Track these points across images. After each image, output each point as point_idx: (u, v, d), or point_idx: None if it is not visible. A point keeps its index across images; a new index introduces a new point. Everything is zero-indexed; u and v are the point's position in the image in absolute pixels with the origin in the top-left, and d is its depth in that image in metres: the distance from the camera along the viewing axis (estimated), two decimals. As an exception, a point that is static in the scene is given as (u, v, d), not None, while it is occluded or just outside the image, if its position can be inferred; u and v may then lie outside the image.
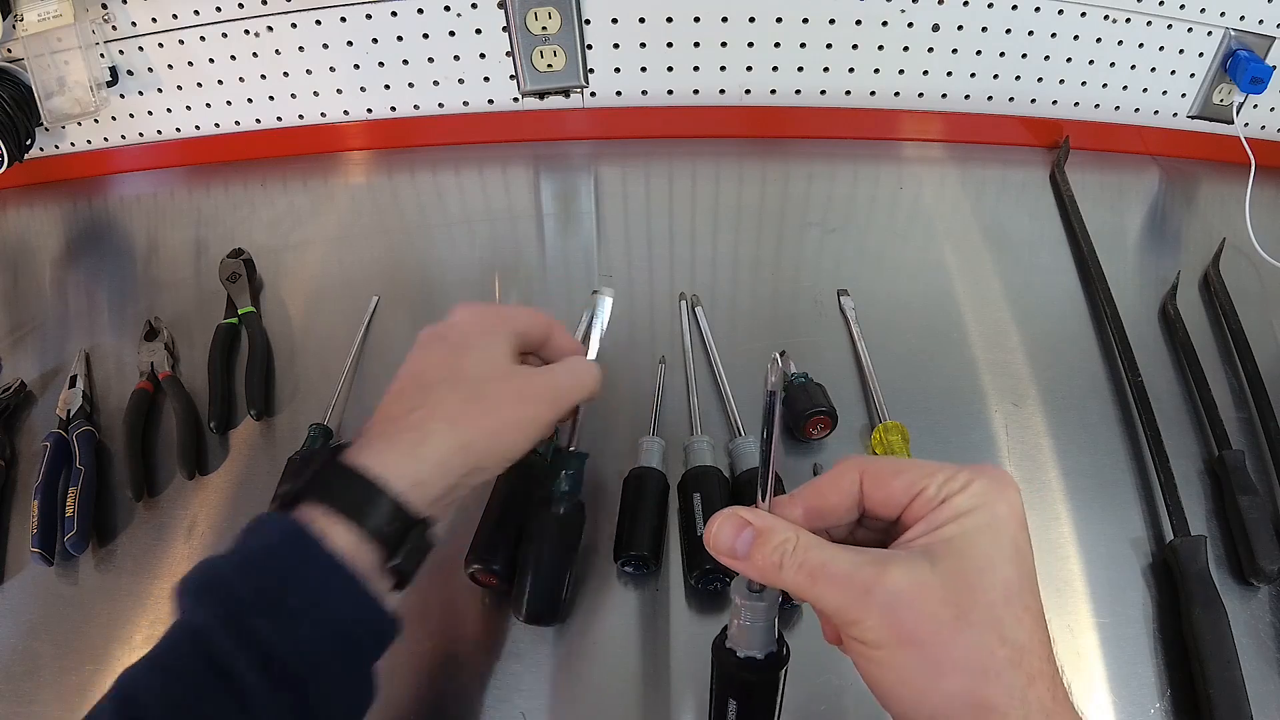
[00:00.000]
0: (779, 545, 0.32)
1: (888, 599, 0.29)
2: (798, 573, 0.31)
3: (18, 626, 0.52)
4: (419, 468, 0.39)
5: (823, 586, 0.31)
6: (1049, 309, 0.69)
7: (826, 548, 0.31)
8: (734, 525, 0.33)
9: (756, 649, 0.35)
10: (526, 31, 0.78)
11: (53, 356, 0.68)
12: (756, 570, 0.32)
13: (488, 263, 0.74)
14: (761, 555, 0.32)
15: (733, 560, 0.33)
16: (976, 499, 0.31)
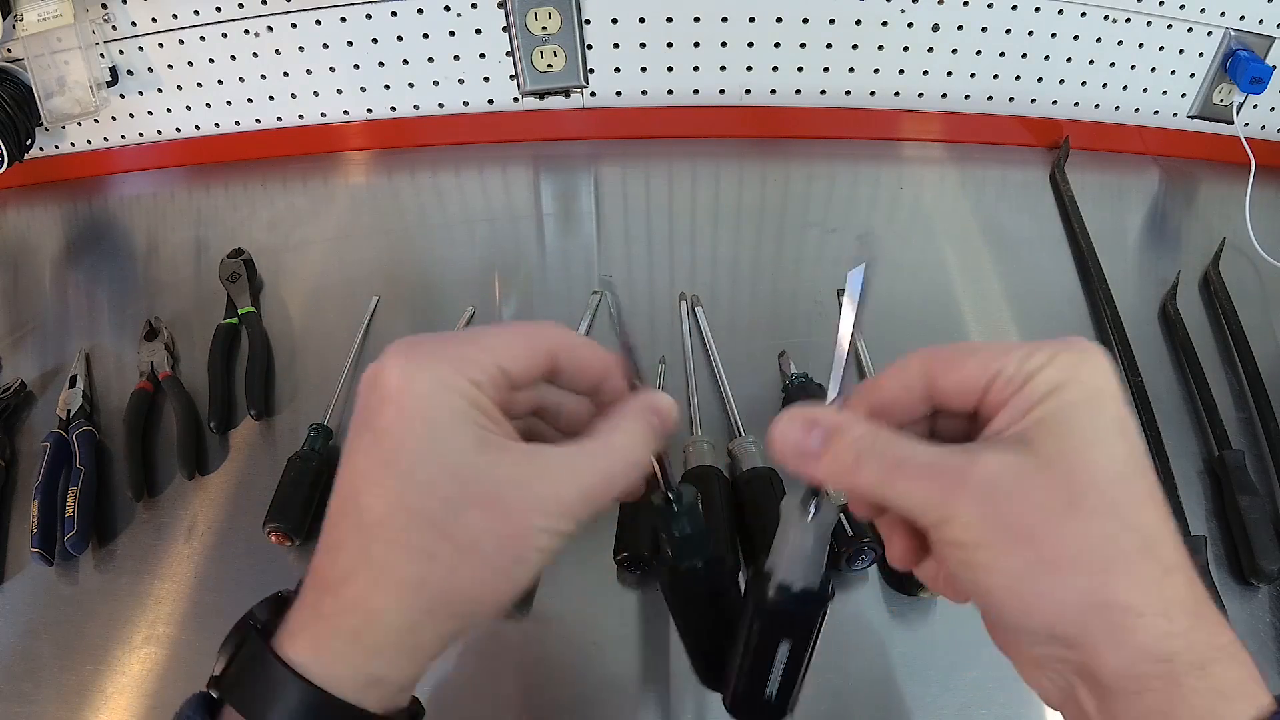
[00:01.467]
0: (854, 441, 0.27)
1: (984, 488, 0.25)
2: (878, 469, 0.27)
3: (18, 626, 0.52)
4: (369, 663, 0.27)
5: (907, 481, 0.26)
6: (1049, 309, 0.69)
7: (907, 441, 0.27)
8: (801, 424, 0.28)
9: (801, 579, 0.31)
10: (526, 31, 0.78)
11: (53, 356, 0.68)
12: (829, 471, 0.28)
13: (488, 263, 0.74)
14: (835, 454, 0.27)
15: (802, 462, 0.28)
16: (1065, 372, 0.26)
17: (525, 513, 0.27)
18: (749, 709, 0.34)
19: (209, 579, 0.53)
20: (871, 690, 0.47)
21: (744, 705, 0.34)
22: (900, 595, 0.51)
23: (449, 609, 0.27)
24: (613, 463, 0.30)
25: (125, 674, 0.49)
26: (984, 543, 0.25)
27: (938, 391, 0.29)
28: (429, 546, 0.27)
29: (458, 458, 0.27)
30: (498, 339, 0.30)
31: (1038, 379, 0.26)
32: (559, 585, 0.52)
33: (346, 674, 0.27)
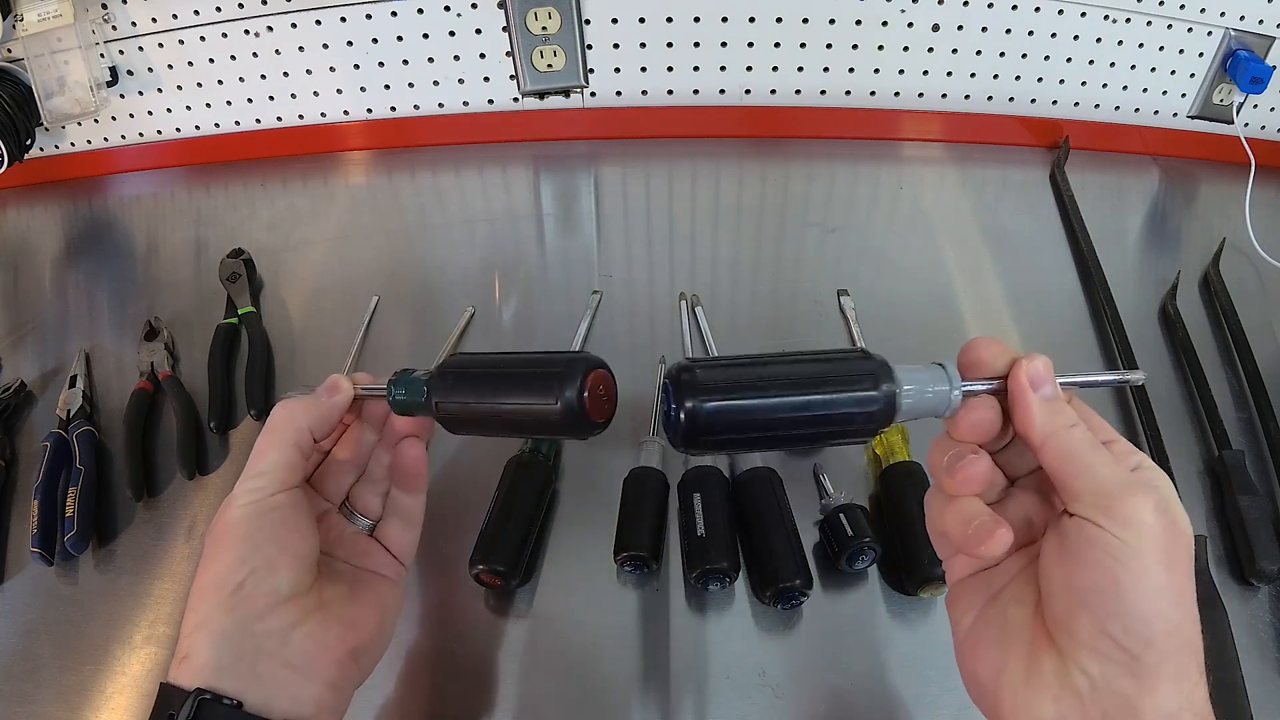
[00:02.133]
0: (1074, 415, 0.32)
1: (1159, 501, 0.30)
2: (1087, 438, 0.31)
3: (18, 626, 0.52)
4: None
5: (1105, 458, 0.31)
6: (1049, 309, 0.69)
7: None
8: (1050, 373, 0.33)
9: (901, 401, 0.33)
10: (526, 31, 0.78)
11: (53, 356, 0.68)
12: (1050, 414, 0.32)
13: (488, 263, 0.74)
14: (1062, 409, 0.32)
15: (1027, 388, 0.32)
16: (1161, 483, 0.31)
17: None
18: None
19: (209, 579, 0.53)
20: (871, 690, 0.47)
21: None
22: (900, 595, 0.51)
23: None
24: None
25: (125, 674, 0.49)
26: (1138, 541, 0.29)
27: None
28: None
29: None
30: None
31: (1147, 474, 0.31)
32: (559, 585, 0.52)
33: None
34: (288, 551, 0.36)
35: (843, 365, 0.32)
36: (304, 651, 0.36)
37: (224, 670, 0.34)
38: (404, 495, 0.43)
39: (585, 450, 0.59)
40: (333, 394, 0.39)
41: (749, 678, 0.48)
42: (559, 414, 0.33)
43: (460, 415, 0.37)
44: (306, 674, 0.36)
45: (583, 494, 0.56)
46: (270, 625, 0.35)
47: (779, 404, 0.31)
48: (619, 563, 0.51)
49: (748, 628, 0.50)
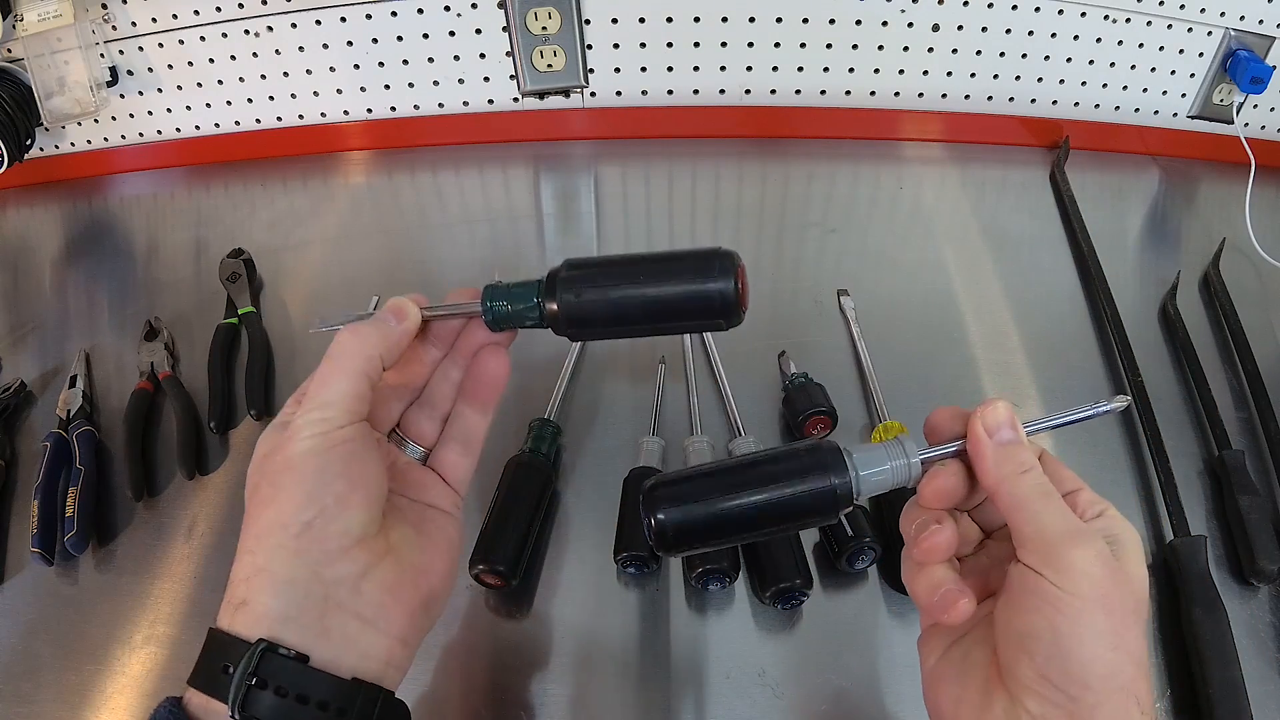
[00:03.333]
0: (1030, 461, 0.32)
1: (1103, 551, 0.30)
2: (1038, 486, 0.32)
3: (18, 626, 0.52)
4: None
5: (1052, 507, 0.31)
6: (1049, 309, 0.69)
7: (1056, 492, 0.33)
8: (1010, 417, 0.33)
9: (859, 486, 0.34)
10: (526, 31, 0.78)
11: (53, 356, 0.68)
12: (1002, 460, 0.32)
13: (488, 263, 0.74)
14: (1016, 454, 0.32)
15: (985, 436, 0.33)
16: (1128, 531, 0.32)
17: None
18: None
19: (209, 579, 0.53)
20: (871, 690, 0.47)
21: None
22: (900, 595, 0.51)
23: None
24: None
25: (125, 674, 0.49)
26: (1081, 592, 0.29)
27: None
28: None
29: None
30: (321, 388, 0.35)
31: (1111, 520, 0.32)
32: (559, 585, 0.52)
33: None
34: (360, 488, 0.33)
35: (797, 462, 0.33)
36: (377, 601, 0.33)
37: (289, 621, 0.31)
38: (472, 414, 0.40)
39: (585, 450, 0.59)
40: (401, 319, 0.36)
41: (749, 678, 0.48)
42: (718, 297, 0.34)
43: (595, 312, 0.35)
44: (378, 627, 0.33)
45: (583, 494, 0.56)
46: (341, 571, 0.32)
47: (742, 507, 0.33)
48: (619, 563, 0.51)
49: (748, 628, 0.50)
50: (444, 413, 0.40)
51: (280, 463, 0.33)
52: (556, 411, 0.59)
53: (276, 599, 0.31)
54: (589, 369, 0.64)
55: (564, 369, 0.62)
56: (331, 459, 0.32)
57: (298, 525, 0.31)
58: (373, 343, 0.35)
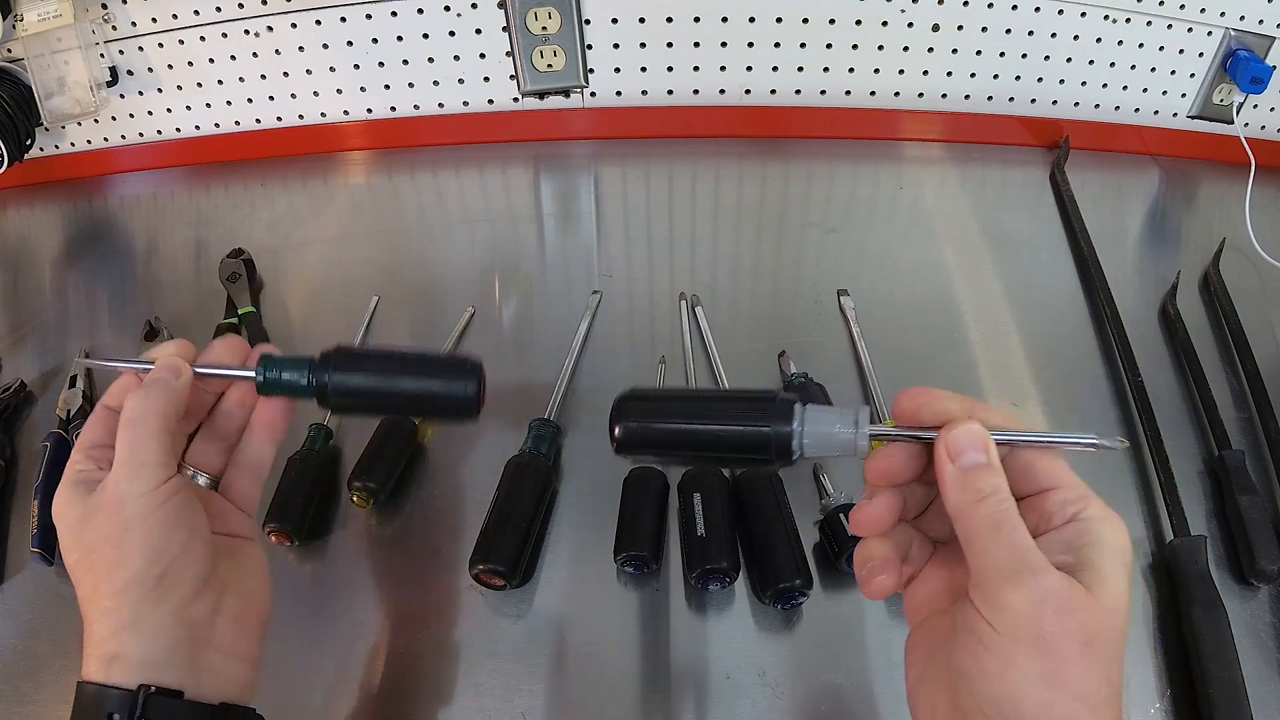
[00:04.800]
0: (994, 486, 0.31)
1: (1043, 590, 0.29)
2: (991, 515, 0.31)
3: (18, 626, 0.52)
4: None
5: (1000, 540, 0.30)
6: (1049, 309, 0.69)
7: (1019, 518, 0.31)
8: (980, 440, 0.32)
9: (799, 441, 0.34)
10: (526, 31, 0.78)
11: (53, 356, 0.68)
12: (962, 486, 0.32)
13: (488, 263, 0.74)
14: (977, 481, 0.31)
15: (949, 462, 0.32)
16: (1111, 534, 0.31)
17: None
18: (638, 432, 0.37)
19: (209, 579, 0.53)
20: (871, 690, 0.47)
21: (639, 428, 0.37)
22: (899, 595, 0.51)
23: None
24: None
25: (125, 674, 0.49)
26: (1013, 634, 0.29)
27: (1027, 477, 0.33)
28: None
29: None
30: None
31: (1087, 526, 0.31)
32: (559, 585, 0.52)
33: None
34: (197, 533, 0.36)
35: (752, 405, 0.35)
36: (230, 633, 0.36)
37: (162, 665, 0.34)
38: (260, 443, 0.42)
39: (585, 450, 0.59)
40: (176, 376, 0.38)
41: (749, 678, 0.48)
42: (460, 398, 0.39)
43: (358, 395, 0.39)
44: (235, 655, 0.37)
45: (583, 494, 0.56)
46: (197, 612, 0.35)
47: (694, 434, 0.36)
48: (619, 563, 0.51)
49: (748, 628, 0.50)
50: (229, 443, 0.42)
51: (117, 526, 0.35)
52: (556, 411, 0.59)
53: (148, 647, 0.34)
54: (589, 369, 0.64)
55: (564, 369, 0.62)
56: (169, 514, 0.35)
57: (153, 579, 0.34)
58: (164, 401, 0.37)
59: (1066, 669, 0.29)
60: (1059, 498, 0.32)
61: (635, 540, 0.50)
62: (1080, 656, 0.29)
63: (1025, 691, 0.29)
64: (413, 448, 0.58)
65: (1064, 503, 0.32)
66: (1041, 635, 0.29)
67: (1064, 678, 0.29)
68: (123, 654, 0.34)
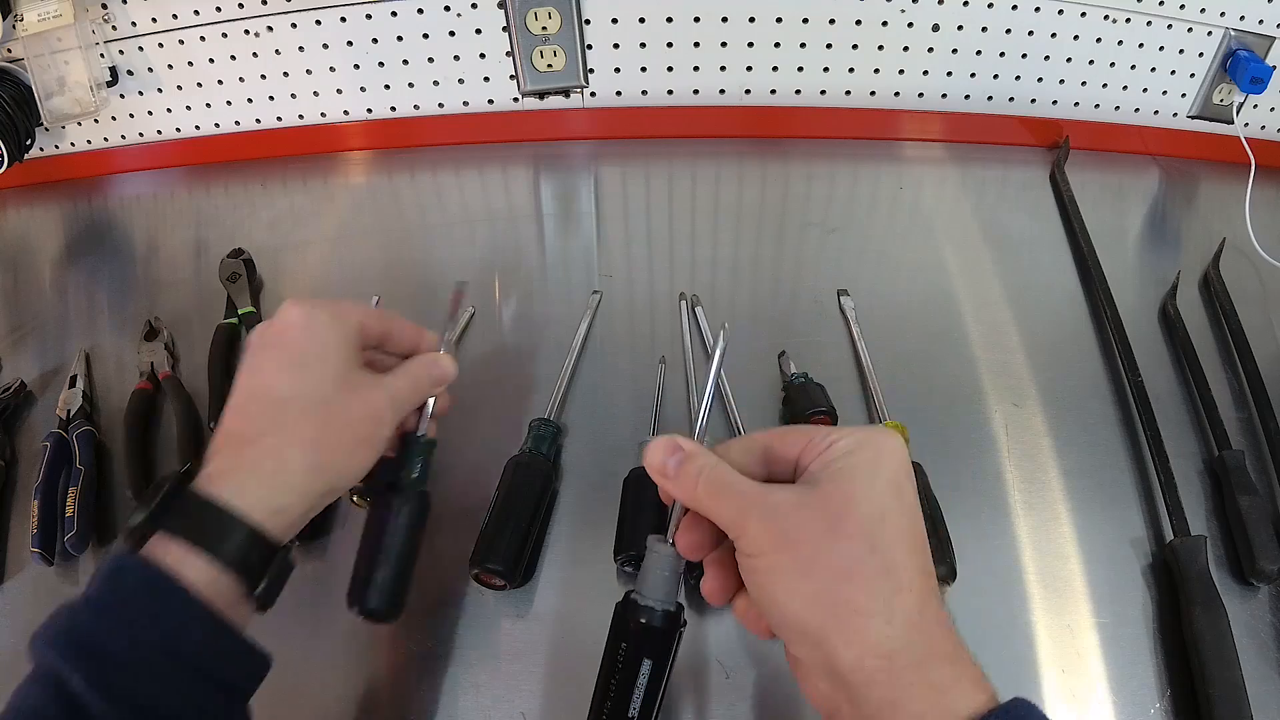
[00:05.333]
0: (699, 467, 0.35)
1: (769, 509, 0.33)
2: (708, 489, 0.34)
3: (18, 626, 0.52)
4: (278, 497, 0.39)
5: (722, 500, 0.34)
6: (1049, 309, 0.69)
7: (733, 473, 0.35)
8: (667, 447, 0.36)
9: (660, 600, 0.37)
10: (526, 31, 0.78)
11: (53, 356, 0.68)
12: (679, 486, 0.35)
13: (488, 263, 0.74)
14: (684, 474, 0.35)
15: (662, 477, 0.36)
16: (859, 442, 0.34)
17: (377, 403, 0.43)
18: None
19: (209, 579, 0.53)
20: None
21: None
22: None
23: (329, 470, 0.41)
24: (409, 382, 0.45)
25: (125, 674, 0.49)
26: (763, 550, 0.33)
27: (771, 459, 0.36)
28: (323, 421, 0.41)
29: (338, 372, 0.42)
30: (356, 309, 0.45)
31: (837, 445, 0.34)
32: (559, 585, 0.52)
33: (259, 505, 0.38)
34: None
35: (628, 640, 0.38)
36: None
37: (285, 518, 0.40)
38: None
39: (585, 450, 0.59)
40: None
41: (749, 678, 0.48)
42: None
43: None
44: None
45: (583, 494, 0.56)
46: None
47: (634, 695, 0.38)
48: (619, 563, 0.51)
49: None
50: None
51: (369, 430, 0.43)
52: (556, 411, 0.59)
53: (289, 507, 0.40)
54: (589, 369, 0.64)
55: (564, 369, 0.62)
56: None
57: (332, 480, 0.42)
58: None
59: (816, 554, 0.31)
60: (811, 447, 0.35)
61: (635, 540, 0.50)
62: (825, 540, 0.31)
63: (793, 587, 0.32)
64: (413, 448, 0.58)
65: (814, 447, 0.35)
66: (784, 536, 0.32)
67: (818, 562, 0.31)
68: (284, 506, 0.39)
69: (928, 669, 0.30)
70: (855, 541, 0.31)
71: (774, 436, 0.36)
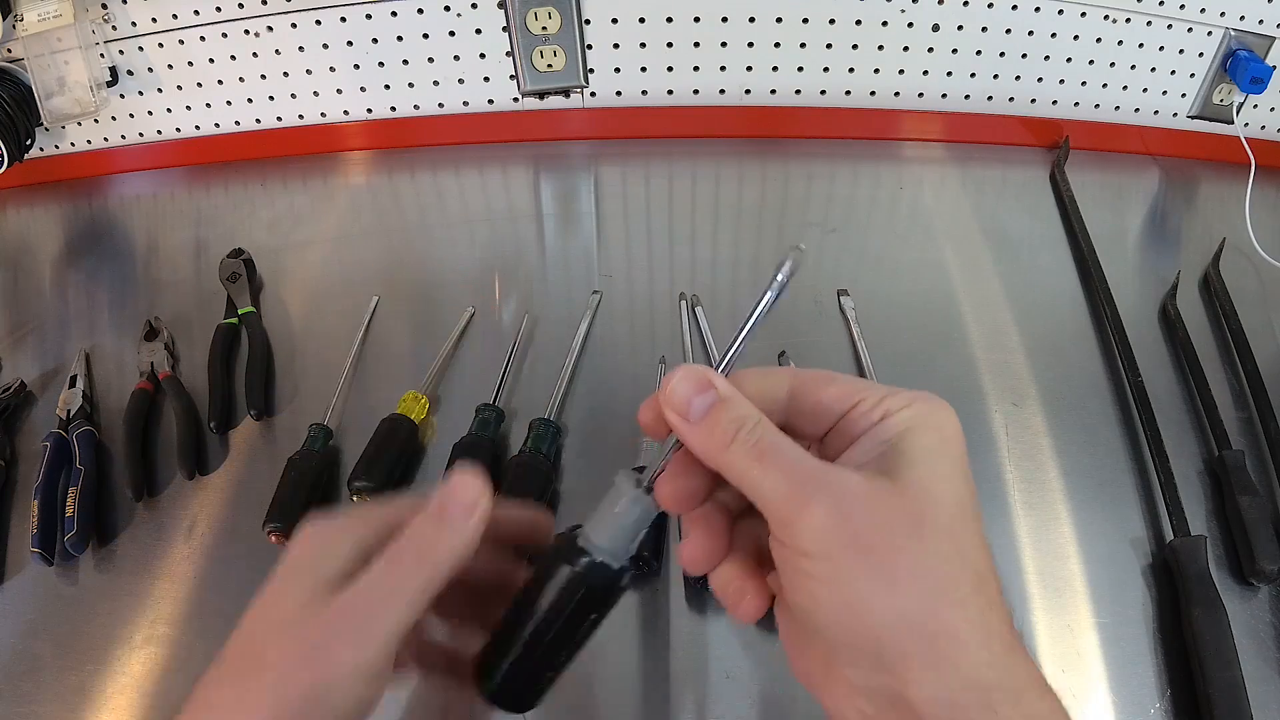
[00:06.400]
0: (737, 418, 0.27)
1: (840, 493, 0.25)
2: (748, 450, 0.27)
3: (18, 626, 0.52)
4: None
5: (771, 469, 0.26)
6: (1049, 309, 0.69)
7: (782, 435, 0.27)
8: (697, 382, 0.28)
9: (610, 553, 0.30)
10: (526, 31, 0.78)
11: (53, 356, 0.68)
12: (705, 438, 0.27)
13: (488, 263, 0.74)
14: (715, 422, 0.27)
15: (682, 422, 0.28)
16: (922, 417, 0.28)
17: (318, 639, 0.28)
18: (509, 689, 0.31)
19: (209, 579, 0.53)
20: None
21: (507, 684, 0.31)
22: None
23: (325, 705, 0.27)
24: (388, 589, 0.29)
25: (125, 674, 0.49)
26: (827, 551, 0.25)
27: (796, 408, 0.29)
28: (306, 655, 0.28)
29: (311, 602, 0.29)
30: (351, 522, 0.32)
31: (895, 418, 0.28)
32: (559, 585, 0.52)
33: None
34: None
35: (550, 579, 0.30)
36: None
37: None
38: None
39: (585, 450, 0.59)
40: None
41: (749, 678, 0.48)
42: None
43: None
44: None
45: (583, 494, 0.56)
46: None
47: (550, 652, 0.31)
48: (619, 563, 0.51)
49: (748, 627, 0.50)
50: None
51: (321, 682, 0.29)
52: (556, 411, 0.59)
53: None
54: (589, 369, 0.64)
55: (564, 369, 0.62)
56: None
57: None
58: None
59: (899, 561, 0.25)
60: (859, 411, 0.28)
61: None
62: (910, 544, 0.25)
63: (868, 602, 0.25)
64: (413, 448, 0.58)
65: (865, 413, 0.28)
66: (857, 536, 0.25)
67: (902, 572, 0.25)
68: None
69: (1025, 700, 0.25)
70: (946, 547, 0.25)
71: (808, 381, 0.29)
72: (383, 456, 0.56)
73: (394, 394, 0.60)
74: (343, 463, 0.58)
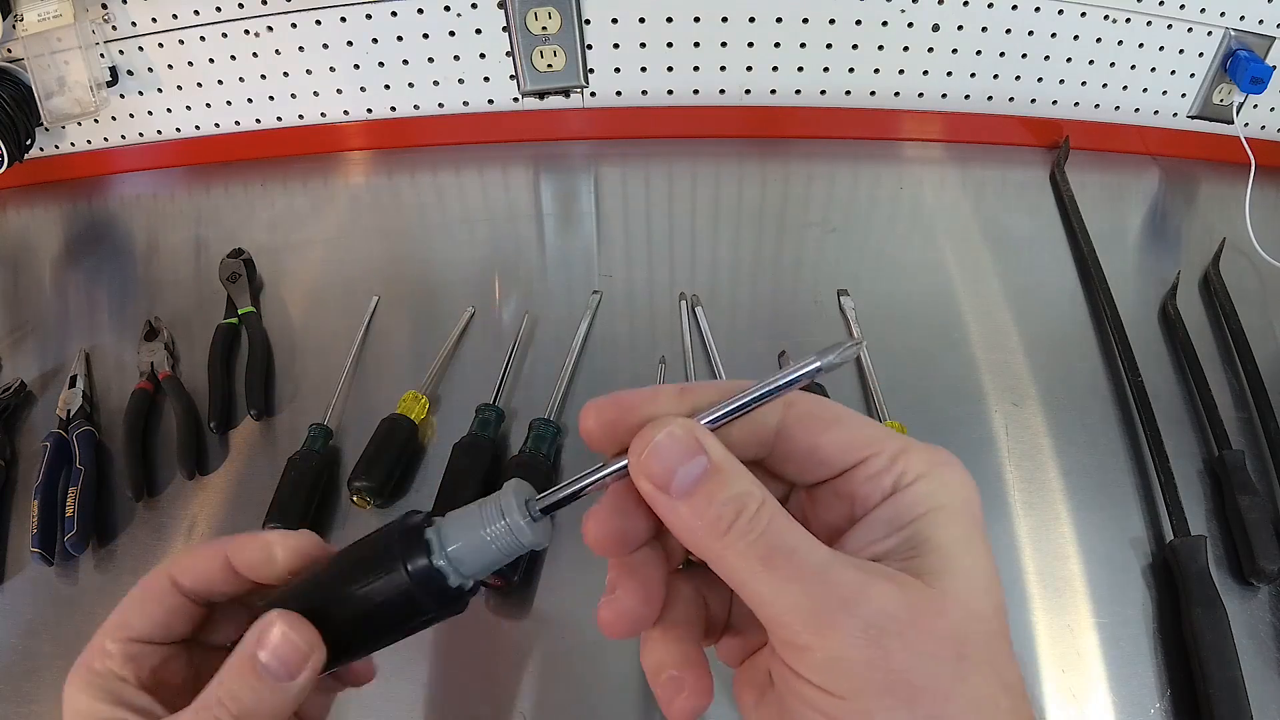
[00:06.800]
0: (736, 498, 0.21)
1: (874, 617, 0.20)
2: (751, 545, 0.21)
3: (18, 626, 0.52)
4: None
5: (782, 577, 0.21)
6: (1049, 309, 0.69)
7: (795, 525, 0.22)
8: (683, 445, 0.22)
9: (461, 572, 0.25)
10: (526, 31, 0.77)
11: (53, 356, 0.68)
12: (691, 521, 0.22)
13: (488, 263, 0.74)
14: (708, 501, 0.21)
15: (660, 496, 0.22)
16: (947, 492, 0.23)
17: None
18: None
19: (209, 579, 0.53)
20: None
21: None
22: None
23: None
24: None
25: (125, 674, 0.49)
26: (857, 692, 0.20)
27: (785, 451, 0.24)
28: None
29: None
30: (117, 612, 0.29)
31: (914, 491, 0.23)
32: (559, 585, 0.52)
33: None
34: None
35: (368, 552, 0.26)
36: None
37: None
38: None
39: (585, 450, 0.59)
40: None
41: (749, 678, 0.48)
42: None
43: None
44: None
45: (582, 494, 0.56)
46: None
47: (348, 637, 0.26)
48: (619, 563, 0.51)
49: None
50: None
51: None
52: (556, 411, 0.59)
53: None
54: (589, 369, 0.64)
55: (564, 369, 0.62)
56: None
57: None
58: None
59: (946, 705, 0.20)
60: (867, 471, 0.23)
61: (635, 540, 0.50)
62: (955, 677, 0.20)
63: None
64: (413, 448, 0.58)
65: (875, 475, 0.23)
66: (896, 677, 0.20)
67: (946, 714, 0.20)
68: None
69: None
70: (987, 675, 0.21)
71: (804, 419, 0.24)
72: (383, 456, 0.56)
73: (394, 394, 0.60)
74: (343, 463, 0.58)
